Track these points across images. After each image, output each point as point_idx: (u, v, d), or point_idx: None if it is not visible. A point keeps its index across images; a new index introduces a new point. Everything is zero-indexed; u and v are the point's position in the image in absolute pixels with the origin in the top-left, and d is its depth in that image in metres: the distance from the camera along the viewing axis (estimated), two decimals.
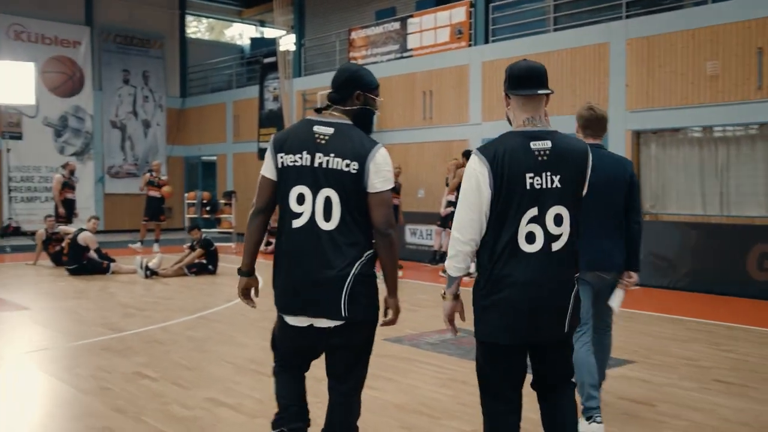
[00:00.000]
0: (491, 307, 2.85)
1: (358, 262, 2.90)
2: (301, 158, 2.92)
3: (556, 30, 13.80)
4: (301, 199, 2.92)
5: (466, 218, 2.86)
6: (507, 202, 2.80)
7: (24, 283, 10.42)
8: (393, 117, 16.49)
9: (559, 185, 2.81)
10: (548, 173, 2.81)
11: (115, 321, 7.54)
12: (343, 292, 2.87)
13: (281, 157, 2.96)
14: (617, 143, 12.14)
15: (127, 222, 21.39)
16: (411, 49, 16.32)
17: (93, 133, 21.51)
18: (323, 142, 2.93)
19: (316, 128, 2.96)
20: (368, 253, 2.95)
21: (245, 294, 3.19)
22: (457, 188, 13.09)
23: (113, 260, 11.60)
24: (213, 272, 11.52)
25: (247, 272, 3.15)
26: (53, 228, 12.61)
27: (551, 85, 3.04)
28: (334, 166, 2.89)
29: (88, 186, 21.24)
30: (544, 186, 2.80)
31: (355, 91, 3.02)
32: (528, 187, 2.79)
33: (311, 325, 2.96)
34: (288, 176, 2.95)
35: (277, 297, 3.04)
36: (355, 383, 3.09)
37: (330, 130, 2.95)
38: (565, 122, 13.12)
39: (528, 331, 2.84)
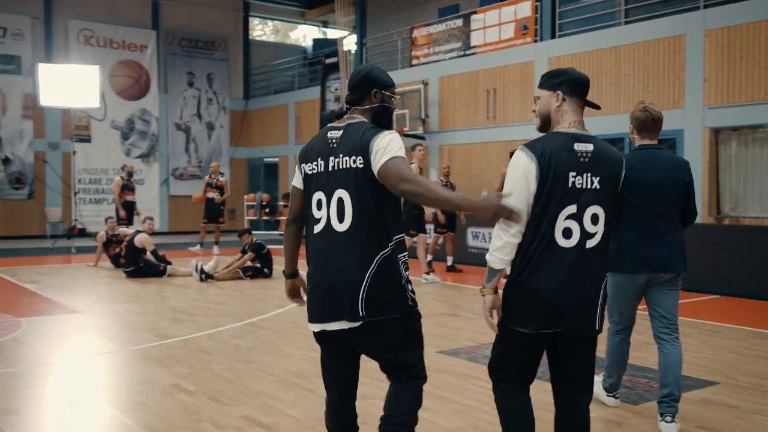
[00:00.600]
0: (521, 295, 2.96)
1: (374, 261, 2.86)
2: (317, 165, 2.97)
3: (627, 23, 13.08)
4: (319, 204, 2.97)
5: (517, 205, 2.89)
6: (549, 198, 2.90)
7: (81, 285, 10.40)
8: (455, 116, 16.01)
9: (597, 186, 2.92)
10: (589, 174, 2.92)
11: (163, 327, 7.34)
12: (360, 293, 2.85)
13: (303, 167, 3.03)
14: (694, 141, 11.40)
15: (190, 224, 21.53)
16: (474, 47, 15.82)
17: (158, 136, 21.76)
18: (334, 145, 2.95)
19: (329, 134, 2.99)
20: (385, 251, 2.89)
21: (293, 294, 3.29)
22: None
23: (169, 263, 11.51)
24: (268, 275, 11.30)
25: (291, 274, 3.26)
26: (113, 230, 12.64)
27: (622, 81, 2.62)
28: (344, 166, 2.90)
29: (153, 188, 21.52)
30: (584, 186, 2.91)
31: (371, 90, 3.02)
32: (570, 185, 2.90)
33: (323, 330, 2.98)
34: (309, 184, 3.01)
35: (308, 306, 3.06)
36: (406, 367, 2.98)
37: (339, 133, 2.97)
38: None
39: (554, 321, 2.92)
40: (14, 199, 19.69)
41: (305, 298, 3.16)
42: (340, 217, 2.89)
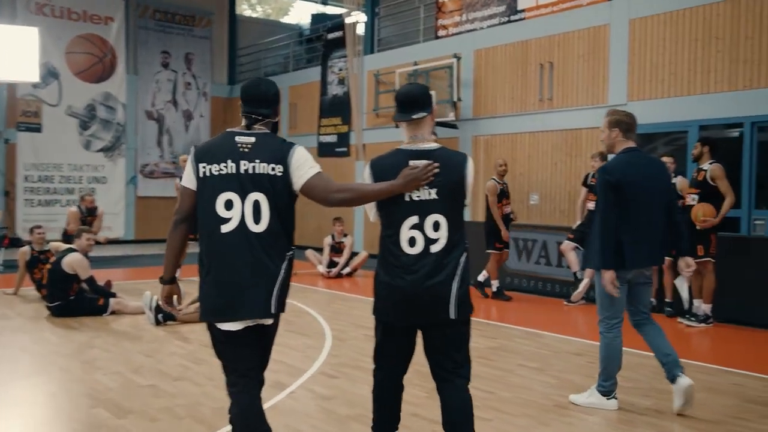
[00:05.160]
0: (380, 293, 3.33)
1: (284, 263, 3.07)
2: (226, 166, 3.05)
3: None
4: (229, 204, 3.03)
5: (368, 207, 3.35)
6: (389, 210, 3.26)
7: None
8: (496, 100, 12.57)
9: (436, 197, 3.21)
10: (425, 187, 3.20)
11: None
12: (274, 291, 3.03)
13: (203, 167, 3.07)
14: None
15: (162, 230, 17.94)
16: (522, 11, 12.39)
17: (125, 126, 18.19)
18: (246, 150, 3.07)
19: (237, 138, 3.10)
20: (290, 253, 3.12)
21: (168, 301, 3.30)
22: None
23: (113, 294, 7.98)
24: None
25: (170, 280, 3.26)
26: (42, 245, 9.08)
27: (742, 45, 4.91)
28: (261, 171, 3.04)
29: (117, 188, 17.96)
30: (422, 198, 3.22)
31: (277, 105, 3.25)
32: (407, 198, 3.22)
33: (245, 327, 3.04)
34: (213, 184, 3.05)
35: (203, 304, 3.08)
36: (264, 367, 3.23)
37: (251, 139, 3.10)
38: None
39: (408, 314, 3.26)
40: None
41: (178, 306, 3.36)
42: (257, 218, 3.02)
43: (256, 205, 3.00)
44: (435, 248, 3.20)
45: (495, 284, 9.37)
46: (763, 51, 9.08)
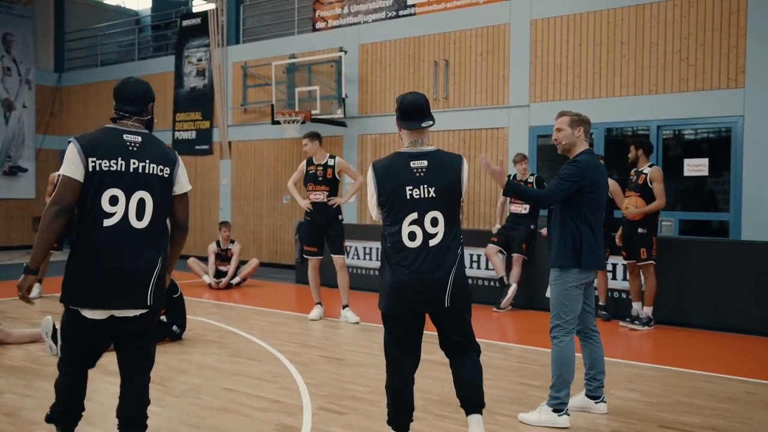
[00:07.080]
0: (388, 287, 3.63)
1: (161, 256, 3.26)
2: (116, 163, 3.15)
3: None
4: (114, 200, 3.14)
5: (371, 207, 3.73)
6: (391, 207, 3.62)
7: None
8: (385, 97, 12.03)
9: (434, 195, 3.57)
10: (425, 185, 3.57)
11: None
12: (151, 283, 3.20)
13: (93, 161, 3.12)
14: (759, 132, 8.48)
15: None
16: (412, 6, 11.94)
17: None
18: (135, 149, 3.20)
19: (126, 137, 3.22)
20: (165, 250, 3.32)
21: (30, 291, 3.27)
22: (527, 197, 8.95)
23: None
24: (178, 336, 6.65)
25: (36, 270, 3.24)
26: None
27: (647, 51, 6.61)
28: (150, 171, 3.22)
29: None
30: (421, 196, 3.57)
31: (149, 104, 3.38)
32: (408, 197, 3.58)
33: (111, 316, 3.15)
34: (101, 179, 3.12)
35: (75, 292, 3.14)
36: (149, 363, 3.34)
37: (138, 139, 3.24)
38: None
39: (413, 304, 3.61)
40: None
41: (33, 293, 3.65)
42: (140, 216, 3.18)
43: (141, 203, 3.18)
44: (433, 242, 3.57)
45: None
46: (667, 57, 9.34)
